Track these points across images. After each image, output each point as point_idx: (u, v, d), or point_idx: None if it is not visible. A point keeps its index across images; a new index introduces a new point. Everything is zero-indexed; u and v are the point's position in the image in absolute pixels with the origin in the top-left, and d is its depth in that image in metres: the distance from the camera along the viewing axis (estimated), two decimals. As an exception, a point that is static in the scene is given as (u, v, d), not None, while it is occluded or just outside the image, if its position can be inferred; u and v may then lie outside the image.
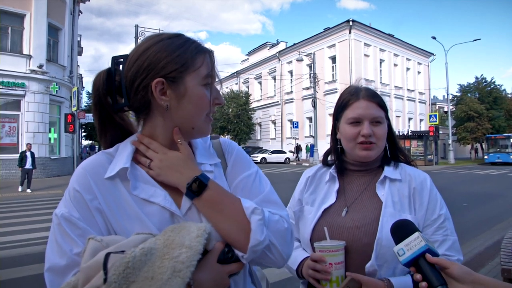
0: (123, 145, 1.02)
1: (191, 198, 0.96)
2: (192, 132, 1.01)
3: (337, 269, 1.28)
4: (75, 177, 0.94)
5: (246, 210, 0.94)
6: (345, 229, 1.38)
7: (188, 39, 1.00)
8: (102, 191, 0.93)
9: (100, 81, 1.01)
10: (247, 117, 42.75)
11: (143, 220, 0.91)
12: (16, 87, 18.21)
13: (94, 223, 0.90)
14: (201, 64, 0.98)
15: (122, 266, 0.74)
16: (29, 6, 18.62)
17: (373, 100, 1.46)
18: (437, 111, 45.09)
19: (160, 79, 0.93)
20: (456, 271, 0.95)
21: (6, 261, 5.62)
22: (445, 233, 1.36)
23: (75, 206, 0.90)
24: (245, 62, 51.67)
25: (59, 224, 0.89)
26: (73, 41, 23.69)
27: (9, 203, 11.55)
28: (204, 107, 0.99)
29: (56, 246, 0.88)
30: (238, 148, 1.16)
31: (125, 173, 0.95)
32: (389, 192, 1.41)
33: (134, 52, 0.98)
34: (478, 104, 37.06)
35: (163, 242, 0.83)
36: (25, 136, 18.31)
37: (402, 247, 1.02)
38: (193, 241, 0.84)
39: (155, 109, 0.98)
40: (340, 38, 35.98)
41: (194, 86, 0.96)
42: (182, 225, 0.89)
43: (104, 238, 0.83)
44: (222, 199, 0.96)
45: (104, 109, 1.03)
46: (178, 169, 0.98)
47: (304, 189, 1.61)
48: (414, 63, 42.47)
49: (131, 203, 0.93)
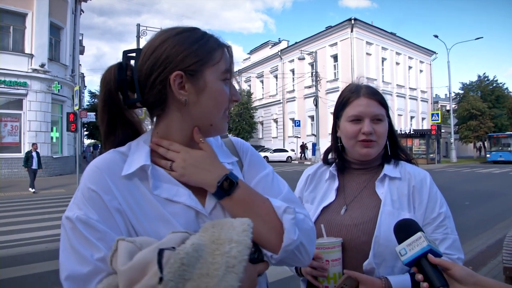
0: (135, 143, 0.97)
1: (220, 197, 0.92)
2: (210, 129, 0.97)
3: (334, 266, 1.28)
4: (88, 176, 0.87)
5: (278, 210, 0.93)
6: (343, 227, 1.38)
7: (205, 32, 0.96)
8: (121, 190, 0.87)
9: (112, 75, 0.95)
10: (249, 115, 42.71)
11: (169, 220, 0.87)
12: (18, 86, 18.26)
13: (115, 225, 0.84)
14: (220, 59, 0.94)
15: (177, 263, 0.70)
16: (31, 5, 18.64)
17: (374, 98, 1.45)
18: (439, 109, 44.95)
19: (179, 72, 0.89)
20: (458, 273, 0.94)
21: (8, 260, 5.65)
22: (445, 231, 1.35)
23: (92, 207, 0.83)
24: (247, 60, 51.61)
25: (74, 228, 0.81)
26: (74, 40, 23.72)
27: (13, 201, 11.59)
28: (223, 103, 0.95)
29: (73, 253, 0.80)
30: (251, 147, 1.13)
31: (144, 172, 0.90)
32: (388, 190, 1.41)
33: (150, 45, 0.94)
34: (481, 102, 36.96)
35: (209, 238, 0.80)
36: (27, 135, 18.38)
37: (404, 247, 1.01)
38: (240, 236, 0.81)
39: (172, 105, 0.93)
40: (342, 37, 35.91)
41: (213, 81, 0.92)
42: (221, 221, 0.86)
43: (136, 239, 0.78)
44: (253, 198, 0.94)
45: (115, 106, 0.97)
46: (206, 167, 0.94)
47: (304, 187, 1.61)
48: (416, 61, 42.37)
49: (154, 203, 0.88)
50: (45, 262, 5.35)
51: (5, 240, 6.85)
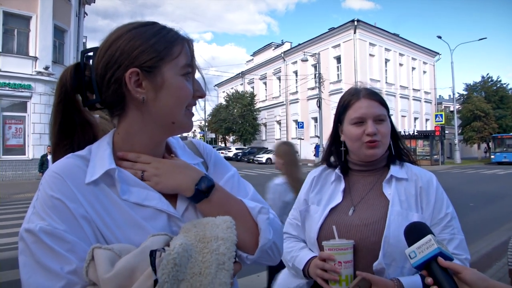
0: (95, 146, 0.91)
1: (198, 200, 0.90)
2: (173, 127, 0.92)
3: (346, 268, 1.27)
4: (49, 183, 0.80)
5: (252, 211, 0.93)
6: (353, 227, 1.38)
7: (164, 26, 0.92)
8: (86, 197, 0.81)
9: (68, 76, 0.91)
10: (252, 117, 42.76)
11: (141, 226, 0.83)
12: (22, 88, 18.33)
13: (83, 234, 0.78)
14: (179, 53, 0.90)
15: (170, 264, 0.69)
16: (35, 8, 18.74)
17: (374, 98, 1.46)
18: (443, 110, 44.81)
19: (134, 70, 0.85)
20: (469, 277, 0.92)
21: (13, 262, 5.65)
22: (452, 231, 1.36)
23: (57, 216, 0.77)
24: (250, 62, 51.62)
25: (37, 241, 0.74)
26: (78, 42, 23.80)
27: (17, 203, 11.62)
28: (184, 99, 0.90)
29: (40, 268, 0.73)
30: (213, 149, 1.13)
31: (110, 176, 0.85)
32: (395, 191, 1.40)
33: (104, 42, 0.89)
34: (485, 103, 36.80)
35: (194, 237, 0.79)
36: (31, 137, 18.44)
37: (414, 250, 1.00)
38: (226, 233, 0.81)
39: (131, 104, 0.89)
40: (345, 38, 35.83)
41: (172, 77, 0.88)
42: (201, 220, 0.85)
43: (113, 246, 0.75)
44: (229, 200, 0.94)
45: (72, 107, 0.93)
46: (181, 171, 0.92)
47: (310, 189, 1.61)
48: (420, 62, 42.20)
49: (124, 209, 0.84)
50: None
51: (9, 242, 6.86)
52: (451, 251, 1.28)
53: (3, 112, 18.25)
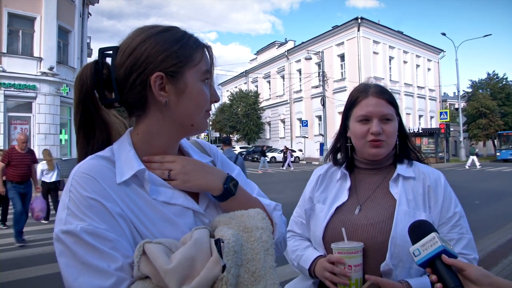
0: (116, 147, 0.93)
1: (225, 199, 0.95)
2: (191, 129, 0.96)
3: (356, 271, 1.25)
4: (81, 184, 0.80)
5: (268, 207, 1.01)
6: (359, 227, 1.36)
7: (186, 32, 0.95)
8: (120, 196, 0.83)
9: (88, 73, 0.92)
10: (256, 116, 42.74)
11: (173, 221, 0.87)
12: (27, 89, 18.42)
13: (122, 232, 0.80)
14: (200, 60, 0.93)
15: (231, 251, 0.76)
16: (39, 9, 18.82)
17: (382, 97, 1.44)
18: (447, 108, 44.61)
19: (159, 73, 0.87)
20: (473, 273, 0.93)
21: (20, 261, 5.71)
22: (461, 231, 1.34)
23: (96, 216, 0.78)
24: (254, 61, 51.60)
25: (79, 242, 0.75)
26: (82, 43, 23.88)
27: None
28: (203, 104, 0.94)
29: (86, 268, 0.74)
30: (218, 148, 1.18)
31: (137, 177, 0.88)
32: (403, 190, 1.39)
33: (128, 44, 0.90)
34: (490, 100, 36.55)
35: (237, 228, 0.85)
36: (36, 137, 18.51)
37: (418, 248, 1.01)
38: (263, 222, 0.88)
39: (152, 105, 0.91)
40: (349, 36, 35.72)
41: (194, 82, 0.92)
42: (235, 214, 0.91)
43: (161, 240, 0.78)
44: (249, 197, 1.01)
45: (92, 105, 0.94)
46: (207, 170, 0.96)
47: (315, 187, 1.59)
48: (424, 60, 42.01)
49: (156, 207, 0.87)
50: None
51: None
52: (459, 251, 1.28)
53: (9, 113, 18.33)
